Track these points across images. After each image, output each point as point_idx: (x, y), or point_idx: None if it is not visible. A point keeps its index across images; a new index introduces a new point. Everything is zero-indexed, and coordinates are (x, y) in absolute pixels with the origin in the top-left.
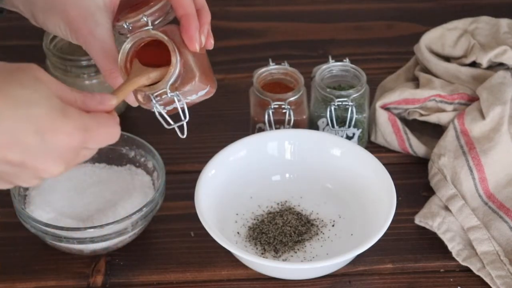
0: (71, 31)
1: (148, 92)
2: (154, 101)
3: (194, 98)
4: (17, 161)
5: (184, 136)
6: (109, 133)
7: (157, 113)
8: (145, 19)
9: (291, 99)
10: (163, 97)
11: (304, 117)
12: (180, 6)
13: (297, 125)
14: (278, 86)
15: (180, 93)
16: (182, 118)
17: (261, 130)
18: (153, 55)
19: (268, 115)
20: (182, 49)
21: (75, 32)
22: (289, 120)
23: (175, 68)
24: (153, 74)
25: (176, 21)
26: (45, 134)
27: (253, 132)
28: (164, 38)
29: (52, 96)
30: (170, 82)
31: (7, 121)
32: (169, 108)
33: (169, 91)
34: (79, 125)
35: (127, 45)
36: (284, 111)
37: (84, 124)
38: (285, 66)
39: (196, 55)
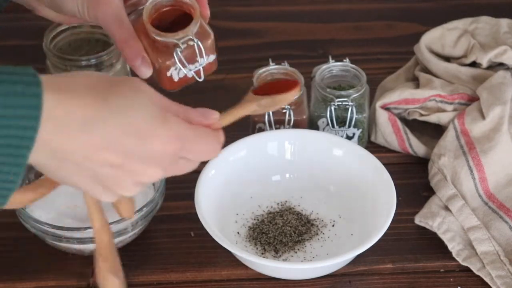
0: (90, 6)
1: (175, 38)
2: (181, 46)
3: (204, 61)
4: (117, 163)
5: (202, 79)
6: (207, 148)
7: (176, 59)
8: None
9: (194, 29)
10: (189, 43)
11: (304, 117)
12: None
13: (297, 125)
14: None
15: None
16: (199, 60)
17: (261, 130)
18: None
19: (268, 115)
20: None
21: (93, 7)
22: (289, 120)
23: (198, 18)
24: (264, 101)
25: None
26: (142, 138)
27: (253, 132)
28: None
29: (152, 105)
30: (195, 30)
31: (108, 125)
32: (183, 69)
33: (194, 37)
34: (176, 133)
35: (149, 5)
36: (284, 111)
37: (181, 134)
38: (285, 66)
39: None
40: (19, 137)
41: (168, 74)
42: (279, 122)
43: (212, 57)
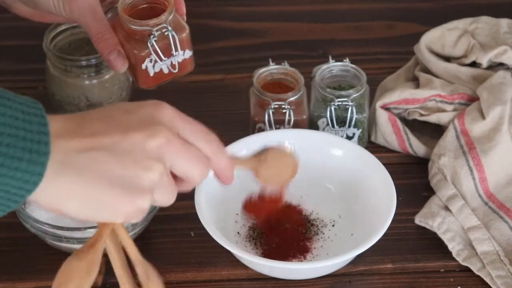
0: (65, 3)
1: (148, 25)
2: (154, 33)
3: (180, 55)
4: (119, 138)
5: (176, 70)
6: (207, 134)
7: (151, 49)
8: None
9: (291, 99)
10: (164, 33)
11: (304, 117)
12: None
13: (297, 125)
14: (278, 86)
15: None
16: (174, 53)
17: (261, 130)
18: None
19: (268, 115)
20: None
21: (68, 1)
22: (289, 120)
23: (172, 8)
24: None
25: None
26: (134, 111)
27: (253, 132)
28: None
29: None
30: (169, 19)
31: (98, 113)
32: (159, 61)
33: (168, 25)
34: (170, 106)
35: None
36: (284, 111)
37: (175, 109)
38: (285, 66)
39: None
40: (36, 142)
41: (143, 66)
42: (279, 122)
43: (189, 53)
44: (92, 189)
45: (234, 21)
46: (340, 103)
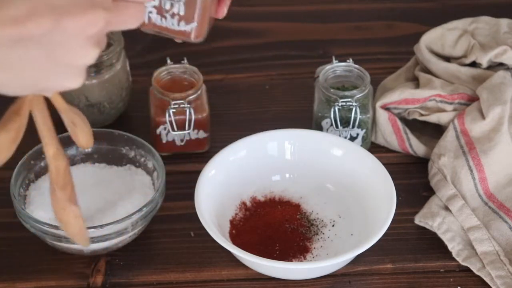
0: None
1: (169, 97)
2: (171, 105)
3: (192, 134)
4: (51, 23)
5: (183, 144)
6: None
7: (167, 118)
8: None
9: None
10: (181, 106)
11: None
12: None
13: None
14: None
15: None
16: (187, 129)
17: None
18: None
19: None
20: None
21: None
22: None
23: (199, 87)
24: None
25: None
26: None
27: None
28: None
29: None
30: (192, 97)
31: None
32: (171, 131)
33: (187, 103)
34: None
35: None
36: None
37: None
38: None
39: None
40: None
41: (158, 131)
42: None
43: (203, 135)
44: (16, 81)
45: (234, 21)
46: (344, 103)
